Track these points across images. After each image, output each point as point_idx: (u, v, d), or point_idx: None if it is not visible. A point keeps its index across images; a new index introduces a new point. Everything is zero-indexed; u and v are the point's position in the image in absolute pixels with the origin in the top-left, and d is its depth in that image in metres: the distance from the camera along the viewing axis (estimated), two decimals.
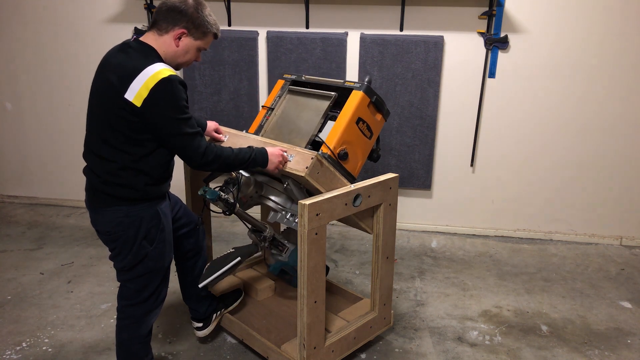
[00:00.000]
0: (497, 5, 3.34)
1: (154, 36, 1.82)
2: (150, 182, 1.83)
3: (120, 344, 2.00)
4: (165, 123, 1.73)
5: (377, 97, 2.22)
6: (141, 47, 1.80)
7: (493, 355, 2.42)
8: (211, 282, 2.15)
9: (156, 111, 1.71)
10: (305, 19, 3.59)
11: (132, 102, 1.69)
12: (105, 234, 1.87)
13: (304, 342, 2.00)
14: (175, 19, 1.80)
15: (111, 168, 1.79)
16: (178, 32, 1.81)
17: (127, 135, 1.75)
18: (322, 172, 1.99)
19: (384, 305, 2.36)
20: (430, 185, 3.75)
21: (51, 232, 3.75)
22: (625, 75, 3.38)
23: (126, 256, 1.86)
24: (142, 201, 1.84)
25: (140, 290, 1.94)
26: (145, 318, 1.99)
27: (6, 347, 2.40)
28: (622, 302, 2.91)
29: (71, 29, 3.86)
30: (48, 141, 4.16)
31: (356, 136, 2.18)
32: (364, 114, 2.19)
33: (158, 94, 1.69)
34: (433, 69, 3.48)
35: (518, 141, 3.61)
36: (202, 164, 1.83)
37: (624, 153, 3.52)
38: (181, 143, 1.77)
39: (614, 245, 3.67)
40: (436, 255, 3.49)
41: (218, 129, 2.31)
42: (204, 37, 1.88)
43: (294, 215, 2.16)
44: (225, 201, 2.03)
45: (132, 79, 1.69)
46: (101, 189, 1.82)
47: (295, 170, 1.97)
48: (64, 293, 2.90)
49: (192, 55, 1.89)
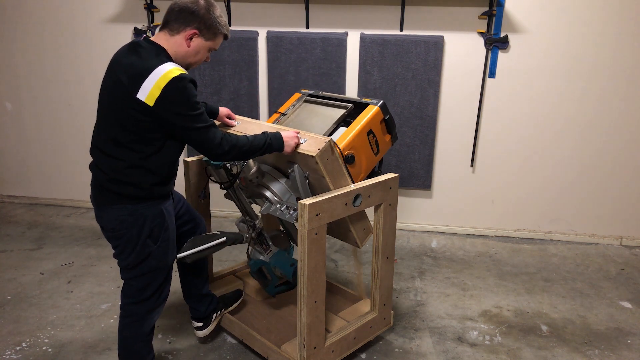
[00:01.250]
0: (497, 5, 3.34)
1: (165, 36, 1.84)
2: (157, 181, 1.85)
3: (123, 341, 2.01)
4: (179, 120, 1.75)
5: (391, 116, 2.30)
6: (152, 47, 1.81)
7: (493, 355, 2.42)
8: (190, 255, 2.10)
9: (170, 109, 1.73)
10: (305, 19, 3.59)
11: (145, 101, 1.71)
12: (109, 231, 1.88)
13: (304, 342, 2.00)
14: (187, 20, 1.82)
15: (118, 166, 1.80)
16: (189, 33, 1.83)
17: (136, 134, 1.77)
18: (331, 161, 1.99)
19: (384, 305, 2.36)
20: (430, 185, 3.75)
21: (51, 232, 3.75)
22: (625, 75, 3.38)
23: (130, 254, 1.87)
24: (147, 200, 1.85)
25: (143, 288, 1.94)
26: (148, 316, 1.99)
27: (6, 347, 2.40)
28: (622, 302, 2.91)
29: (71, 29, 3.86)
30: (48, 141, 4.16)
31: (364, 146, 2.22)
32: (376, 127, 2.26)
33: (170, 93, 1.70)
34: (433, 69, 3.48)
35: (518, 141, 3.61)
36: (219, 154, 1.85)
37: (624, 153, 3.52)
38: (197, 137, 1.80)
39: (614, 245, 3.67)
40: (436, 255, 3.49)
41: (230, 115, 2.33)
42: (215, 38, 1.90)
43: (290, 207, 2.13)
44: (228, 171, 2.04)
45: (143, 79, 1.71)
46: (107, 187, 1.83)
47: (306, 151, 1.96)
48: (64, 293, 2.89)
49: (202, 55, 1.92)
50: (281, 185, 2.20)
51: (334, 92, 3.62)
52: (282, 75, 3.66)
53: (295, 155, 2.03)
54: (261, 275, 2.38)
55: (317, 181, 2.05)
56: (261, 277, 2.39)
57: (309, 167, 2.02)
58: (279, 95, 3.71)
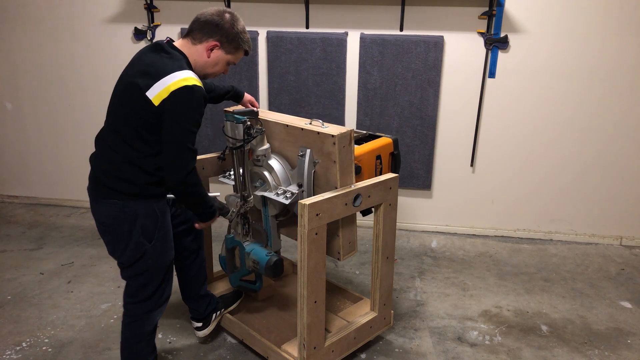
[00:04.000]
0: (497, 5, 3.34)
1: (187, 44, 1.89)
2: (151, 181, 1.85)
3: (124, 341, 2.03)
4: (172, 127, 1.75)
5: (399, 154, 2.39)
6: (174, 51, 1.85)
7: (493, 355, 2.42)
8: None
9: (169, 114, 1.74)
10: (305, 19, 3.59)
11: (152, 100, 1.73)
12: (101, 224, 1.91)
13: (304, 342, 2.01)
14: (211, 31, 1.87)
15: (115, 159, 1.82)
16: (211, 44, 1.88)
17: (138, 132, 1.78)
18: (346, 150, 2.00)
19: (384, 305, 2.36)
20: (430, 185, 3.75)
21: (51, 232, 3.75)
22: (625, 75, 3.38)
23: (123, 251, 1.89)
24: (140, 197, 1.86)
25: (141, 287, 1.95)
26: (149, 316, 2.00)
27: (6, 347, 2.40)
28: (622, 302, 2.91)
29: (71, 29, 3.86)
30: (48, 141, 4.16)
31: (370, 166, 2.26)
32: (384, 156, 2.33)
33: (177, 99, 1.73)
34: (433, 69, 3.48)
35: (518, 141, 3.61)
36: (181, 182, 1.82)
37: (624, 153, 3.52)
38: (176, 152, 1.78)
39: (614, 245, 3.67)
40: (436, 255, 3.49)
41: (253, 103, 2.36)
42: (236, 52, 1.95)
43: (287, 192, 2.12)
44: (248, 128, 2.06)
45: (157, 79, 1.74)
46: (102, 180, 1.85)
47: (327, 132, 1.97)
48: (64, 293, 2.90)
49: (220, 67, 1.96)
50: (284, 172, 2.20)
51: (334, 91, 3.62)
52: (282, 75, 3.66)
53: (313, 137, 2.05)
54: (231, 255, 2.32)
55: (324, 170, 2.05)
56: (231, 257, 2.32)
57: (323, 152, 2.02)
58: (278, 95, 3.71)
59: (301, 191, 2.10)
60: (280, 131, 2.20)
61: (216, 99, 2.28)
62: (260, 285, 2.41)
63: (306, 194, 2.10)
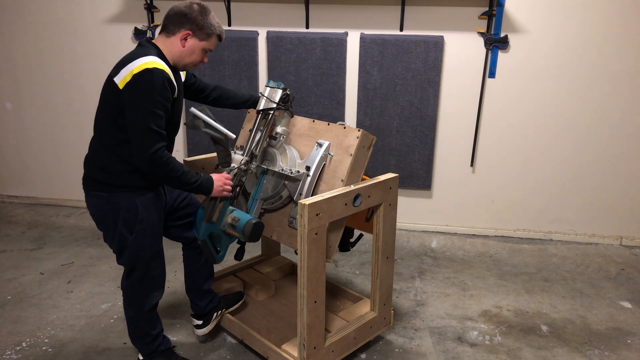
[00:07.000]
0: (497, 5, 3.34)
1: (162, 38, 1.99)
2: (127, 169, 1.93)
3: (127, 319, 2.16)
4: (134, 110, 1.81)
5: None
6: (147, 44, 1.97)
7: (493, 355, 2.42)
8: (200, 117, 2.05)
9: (131, 96, 1.81)
10: (305, 19, 3.59)
11: (117, 84, 1.84)
12: (93, 216, 2.04)
13: (304, 342, 2.01)
14: (181, 22, 1.96)
15: (94, 146, 1.96)
16: (184, 34, 1.96)
17: (113, 119, 1.88)
18: (363, 152, 2.12)
19: (384, 305, 2.36)
20: (430, 185, 3.75)
21: (51, 232, 3.75)
22: (625, 75, 3.38)
23: (112, 240, 2.02)
24: (120, 189, 1.94)
25: (130, 273, 2.06)
26: (145, 298, 2.10)
27: (6, 347, 2.40)
28: (622, 302, 2.91)
29: (71, 29, 3.86)
30: (48, 141, 4.16)
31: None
32: None
33: (138, 81, 1.80)
34: (433, 69, 3.48)
35: (518, 141, 3.61)
36: (147, 161, 1.81)
37: (624, 153, 3.52)
38: (140, 134, 1.81)
39: (614, 245, 3.67)
40: (436, 255, 3.49)
41: None
42: (208, 39, 2.01)
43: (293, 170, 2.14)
44: (285, 96, 2.17)
45: (125, 65, 1.85)
46: (88, 172, 1.98)
47: (353, 128, 2.12)
48: (64, 293, 2.90)
49: (197, 55, 2.02)
50: (294, 160, 2.22)
51: (334, 91, 3.62)
52: (282, 75, 3.66)
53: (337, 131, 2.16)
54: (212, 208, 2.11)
55: (336, 164, 2.11)
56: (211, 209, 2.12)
57: (343, 145, 2.11)
58: None
59: (307, 174, 2.13)
60: (302, 126, 2.31)
61: (236, 105, 2.41)
62: (222, 257, 2.21)
63: (310, 179, 2.12)
